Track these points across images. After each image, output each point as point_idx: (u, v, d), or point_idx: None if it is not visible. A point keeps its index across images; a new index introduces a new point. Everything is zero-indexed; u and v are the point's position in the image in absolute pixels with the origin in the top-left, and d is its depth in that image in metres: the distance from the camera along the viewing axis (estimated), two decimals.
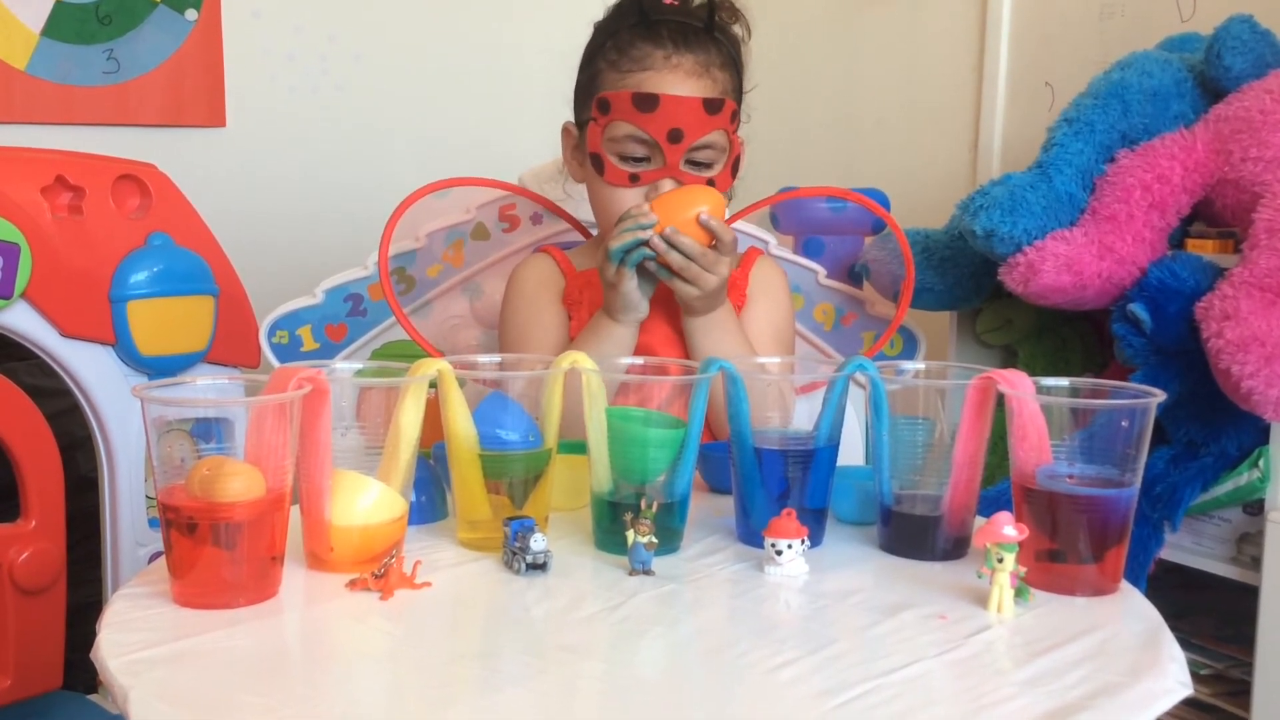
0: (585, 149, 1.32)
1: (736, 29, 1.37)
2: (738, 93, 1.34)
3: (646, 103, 1.26)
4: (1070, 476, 0.96)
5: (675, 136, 1.26)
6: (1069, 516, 0.95)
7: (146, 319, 1.56)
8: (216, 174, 2.11)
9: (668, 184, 1.28)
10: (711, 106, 1.27)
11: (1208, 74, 1.53)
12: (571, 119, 1.37)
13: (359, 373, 1.07)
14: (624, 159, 1.29)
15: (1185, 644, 0.89)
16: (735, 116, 1.31)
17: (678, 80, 1.27)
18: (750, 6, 1.37)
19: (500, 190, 1.55)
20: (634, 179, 1.28)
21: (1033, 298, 1.48)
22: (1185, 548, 1.45)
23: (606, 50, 1.31)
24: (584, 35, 1.37)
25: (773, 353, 1.37)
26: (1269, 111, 1.43)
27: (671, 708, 0.75)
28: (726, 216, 1.58)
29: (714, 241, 1.25)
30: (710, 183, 1.30)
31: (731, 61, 1.33)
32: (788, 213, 1.78)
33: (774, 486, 1.04)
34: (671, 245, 1.22)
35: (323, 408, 0.94)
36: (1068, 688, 0.77)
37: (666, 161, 1.27)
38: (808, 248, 1.75)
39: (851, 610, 0.91)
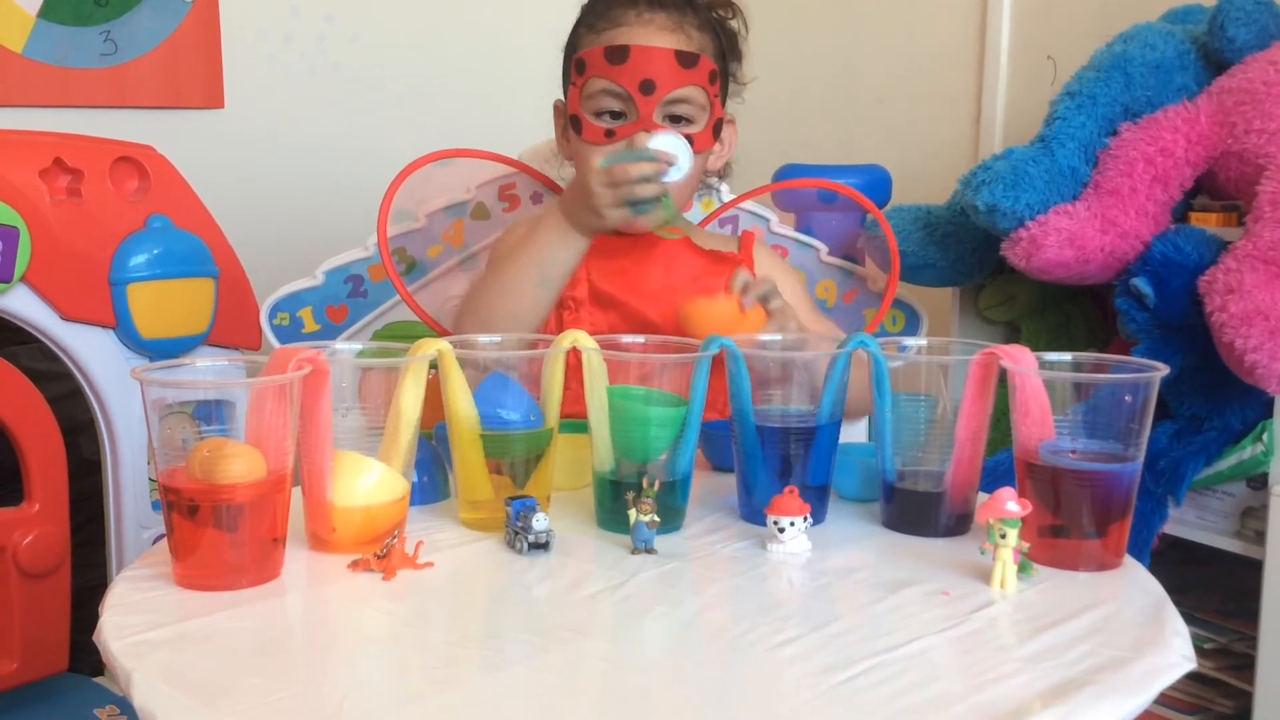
0: (568, 116, 1.32)
1: (733, 24, 1.38)
2: (720, 60, 1.33)
3: (617, 55, 1.26)
4: (1073, 451, 0.96)
5: (647, 88, 1.25)
6: (1072, 491, 0.94)
7: (147, 301, 1.56)
8: (215, 156, 2.11)
9: (642, 138, 1.27)
10: (685, 59, 1.26)
11: (1211, 46, 1.52)
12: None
13: (359, 353, 1.07)
14: (599, 115, 1.29)
15: (1189, 618, 0.89)
16: (716, 79, 1.30)
17: (650, 33, 1.27)
18: None
19: (500, 169, 1.54)
20: (609, 134, 1.28)
21: (1035, 273, 1.47)
22: (1189, 522, 1.45)
23: (585, 15, 1.33)
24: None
25: (813, 316, 1.40)
26: (1272, 83, 1.42)
27: (674, 686, 0.76)
28: (726, 199, 1.58)
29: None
30: (689, 139, 1.29)
31: (711, 28, 1.33)
32: (787, 191, 1.77)
33: (776, 464, 1.04)
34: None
35: (323, 389, 0.94)
36: (1071, 663, 0.77)
37: (640, 114, 1.26)
38: (803, 226, 1.74)
39: (854, 587, 0.91)
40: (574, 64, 1.30)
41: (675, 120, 1.29)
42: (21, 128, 1.61)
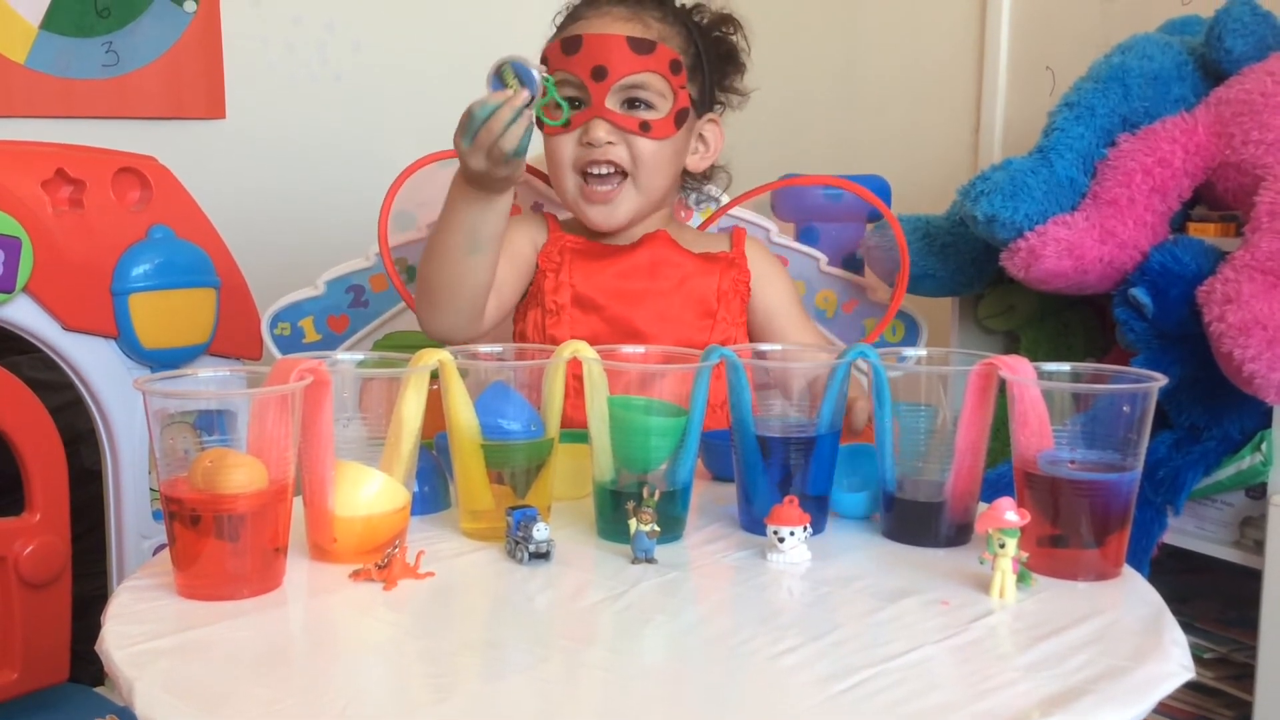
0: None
1: (736, 39, 1.39)
2: (691, 55, 1.33)
3: (571, 45, 1.28)
4: (1072, 462, 0.96)
5: (599, 74, 1.26)
6: (1071, 501, 0.95)
7: (148, 312, 1.56)
8: (217, 166, 2.11)
9: (598, 124, 1.28)
10: (639, 45, 1.27)
11: (1209, 57, 1.53)
12: None
13: (361, 364, 1.07)
14: (558, 106, 1.30)
15: (1188, 628, 0.89)
16: (679, 69, 1.30)
17: (604, 23, 1.29)
18: None
19: None
20: (566, 124, 1.29)
21: (1034, 283, 1.47)
22: (1188, 532, 1.45)
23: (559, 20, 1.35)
24: None
25: (805, 322, 1.42)
26: (1270, 94, 1.43)
27: (674, 696, 0.76)
28: (722, 203, 1.59)
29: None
30: (645, 125, 1.29)
31: (682, 24, 1.34)
32: (786, 200, 1.78)
33: (776, 473, 1.04)
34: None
35: (324, 399, 0.94)
36: (1070, 672, 0.77)
37: (593, 101, 1.27)
38: (804, 236, 1.74)
39: (854, 597, 0.91)
40: (540, 61, 1.31)
41: (633, 105, 1.30)
42: (24, 138, 1.62)
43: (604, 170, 1.30)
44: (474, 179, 1.19)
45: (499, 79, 1.14)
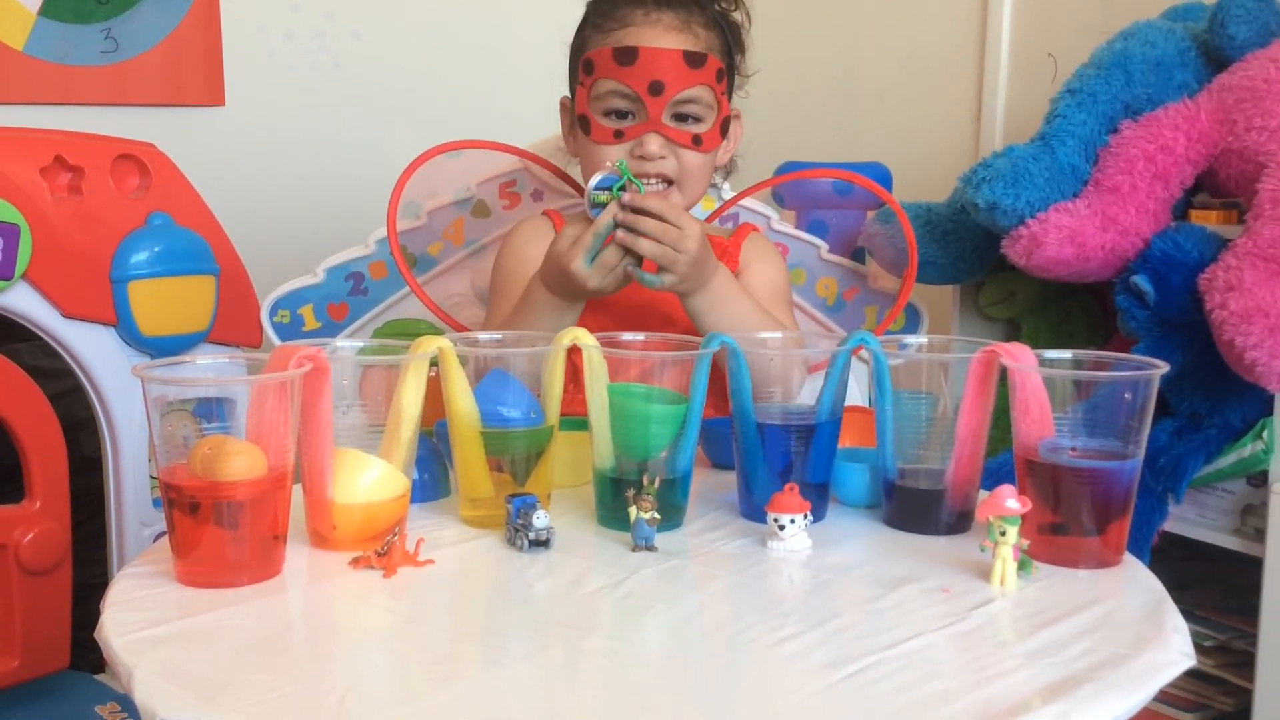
0: (575, 115, 1.32)
1: (736, 16, 1.38)
2: (726, 56, 1.33)
3: (626, 56, 1.26)
4: (1073, 449, 0.96)
5: (656, 89, 1.26)
6: (1072, 489, 0.95)
7: (148, 299, 1.56)
8: (216, 153, 2.11)
9: (652, 138, 1.27)
10: (693, 60, 1.27)
11: (1211, 43, 1.52)
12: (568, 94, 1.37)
13: (360, 351, 1.07)
14: (608, 115, 1.29)
15: (1189, 615, 0.89)
16: (722, 76, 1.30)
17: (658, 34, 1.27)
18: None
19: (500, 166, 1.54)
20: (618, 135, 1.28)
21: (1036, 270, 1.47)
22: (1189, 520, 1.45)
23: (592, 15, 1.33)
24: (581, 9, 1.36)
25: (774, 309, 1.38)
26: (1273, 80, 1.42)
27: (674, 683, 0.76)
28: (723, 200, 1.59)
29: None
30: (697, 139, 1.29)
31: (717, 24, 1.33)
32: (790, 188, 1.77)
33: (776, 461, 1.04)
34: (633, 228, 1.18)
35: (324, 386, 0.94)
36: (1071, 660, 0.77)
37: (649, 115, 1.27)
38: (811, 229, 1.74)
39: (854, 584, 0.91)
40: (582, 64, 1.30)
41: (682, 119, 1.29)
42: (22, 125, 1.61)
43: (655, 184, 1.30)
44: (578, 295, 1.22)
45: (593, 204, 1.21)
